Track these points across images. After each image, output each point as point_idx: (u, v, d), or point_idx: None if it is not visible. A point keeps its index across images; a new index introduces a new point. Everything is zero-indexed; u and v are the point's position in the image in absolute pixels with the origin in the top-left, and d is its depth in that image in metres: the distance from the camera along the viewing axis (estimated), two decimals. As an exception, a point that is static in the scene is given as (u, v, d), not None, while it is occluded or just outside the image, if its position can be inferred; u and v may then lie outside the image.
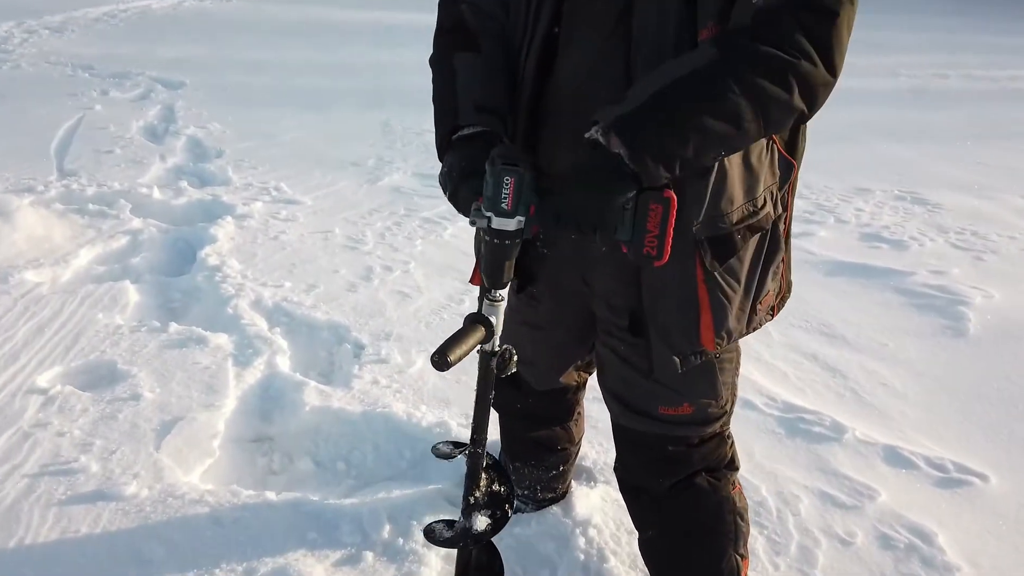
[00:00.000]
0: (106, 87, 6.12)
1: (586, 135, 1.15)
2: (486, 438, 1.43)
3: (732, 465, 1.57)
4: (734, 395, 1.51)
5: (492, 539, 1.50)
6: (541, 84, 1.32)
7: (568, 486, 2.02)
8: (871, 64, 9.13)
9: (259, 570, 1.72)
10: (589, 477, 2.11)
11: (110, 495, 1.90)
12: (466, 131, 1.30)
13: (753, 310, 1.40)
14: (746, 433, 2.31)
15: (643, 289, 1.34)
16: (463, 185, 1.25)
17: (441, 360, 1.15)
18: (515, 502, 1.95)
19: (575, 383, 1.80)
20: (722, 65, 1.11)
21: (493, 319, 1.27)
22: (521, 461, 1.90)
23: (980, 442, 2.36)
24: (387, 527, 1.85)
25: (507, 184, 1.14)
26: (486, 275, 1.26)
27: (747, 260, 1.35)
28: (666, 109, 1.12)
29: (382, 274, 3.25)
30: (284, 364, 2.56)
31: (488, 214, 1.18)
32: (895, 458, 2.25)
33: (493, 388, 1.38)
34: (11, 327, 2.63)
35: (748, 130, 1.14)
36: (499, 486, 1.47)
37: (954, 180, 5.03)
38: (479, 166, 1.20)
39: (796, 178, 1.41)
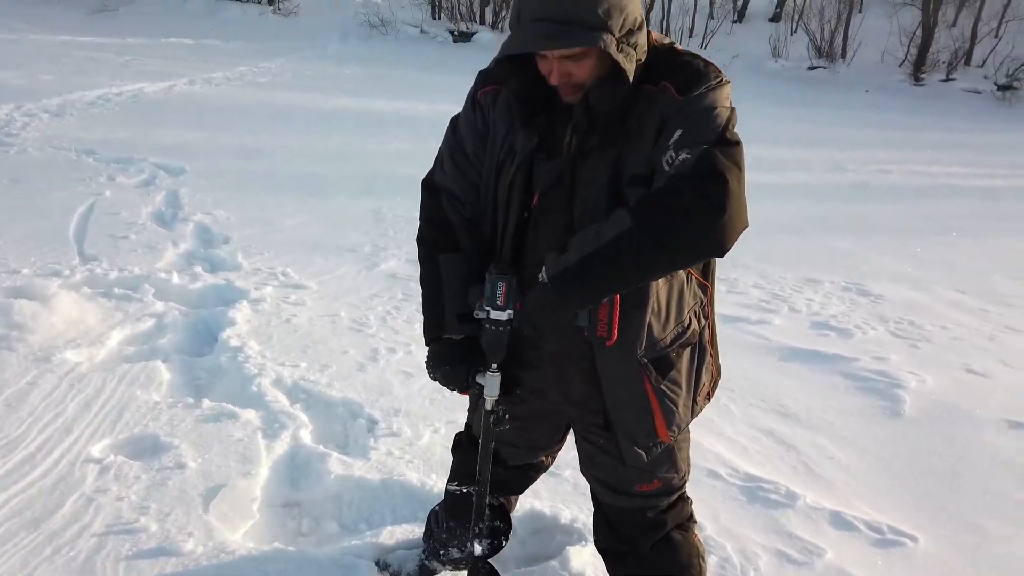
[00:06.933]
0: (112, 172, 6.46)
1: (539, 276, 1.60)
2: (488, 479, 1.85)
3: (692, 519, 1.96)
4: (689, 465, 1.92)
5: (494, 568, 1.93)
6: (519, 240, 1.72)
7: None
8: (822, 158, 9.89)
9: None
10: (580, 537, 2.45)
11: (171, 551, 2.20)
12: (452, 337, 1.78)
13: (695, 402, 1.84)
14: (713, 500, 2.69)
15: (607, 404, 1.76)
16: (453, 369, 1.78)
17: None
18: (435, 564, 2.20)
19: (544, 464, 2.12)
20: (634, 234, 1.48)
21: (492, 385, 1.74)
22: (458, 522, 2.09)
23: (911, 509, 2.77)
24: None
25: (500, 287, 1.62)
26: (487, 354, 1.71)
27: (684, 369, 1.78)
28: (589, 272, 1.52)
29: (387, 355, 3.61)
30: (307, 437, 2.88)
31: (487, 308, 1.64)
32: (839, 522, 2.64)
33: (493, 439, 1.81)
34: (60, 402, 2.93)
35: (658, 273, 1.58)
36: (499, 522, 1.91)
37: (894, 272, 5.59)
38: (462, 361, 1.77)
39: (712, 294, 1.84)
